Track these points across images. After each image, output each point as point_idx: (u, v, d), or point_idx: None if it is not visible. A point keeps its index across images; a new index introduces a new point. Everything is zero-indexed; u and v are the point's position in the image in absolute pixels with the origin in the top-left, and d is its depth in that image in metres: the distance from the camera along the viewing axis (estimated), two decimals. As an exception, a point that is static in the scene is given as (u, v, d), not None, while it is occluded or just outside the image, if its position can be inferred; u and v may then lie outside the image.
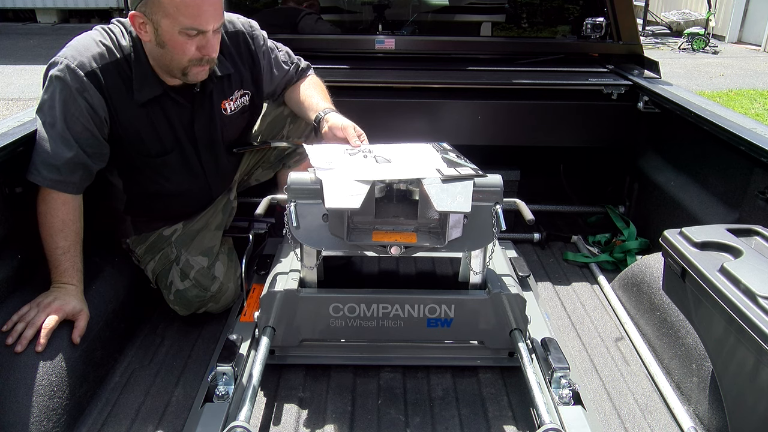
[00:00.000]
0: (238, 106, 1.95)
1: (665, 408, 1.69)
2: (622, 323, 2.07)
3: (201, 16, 1.59)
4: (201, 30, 1.62)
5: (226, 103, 1.91)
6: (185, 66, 1.68)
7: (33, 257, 1.75)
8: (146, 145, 1.82)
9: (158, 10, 1.58)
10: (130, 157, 1.83)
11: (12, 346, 1.51)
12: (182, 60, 1.67)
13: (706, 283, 1.41)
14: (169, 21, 1.59)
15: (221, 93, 1.89)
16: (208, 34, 1.64)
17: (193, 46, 1.64)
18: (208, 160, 1.95)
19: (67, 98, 1.65)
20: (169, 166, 1.88)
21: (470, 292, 1.77)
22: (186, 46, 1.63)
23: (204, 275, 1.99)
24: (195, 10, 1.58)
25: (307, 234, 1.60)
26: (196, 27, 1.60)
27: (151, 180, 1.91)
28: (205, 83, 1.81)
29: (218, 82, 1.86)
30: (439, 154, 1.73)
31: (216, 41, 1.69)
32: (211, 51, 1.68)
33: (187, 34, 1.61)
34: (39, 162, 1.66)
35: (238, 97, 1.94)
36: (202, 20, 1.60)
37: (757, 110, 6.70)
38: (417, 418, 1.63)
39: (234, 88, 1.92)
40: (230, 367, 1.59)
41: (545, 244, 2.64)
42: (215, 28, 1.65)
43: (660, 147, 2.57)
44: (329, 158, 1.67)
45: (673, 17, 12.51)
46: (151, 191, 1.93)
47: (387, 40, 2.83)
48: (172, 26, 1.60)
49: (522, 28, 3.46)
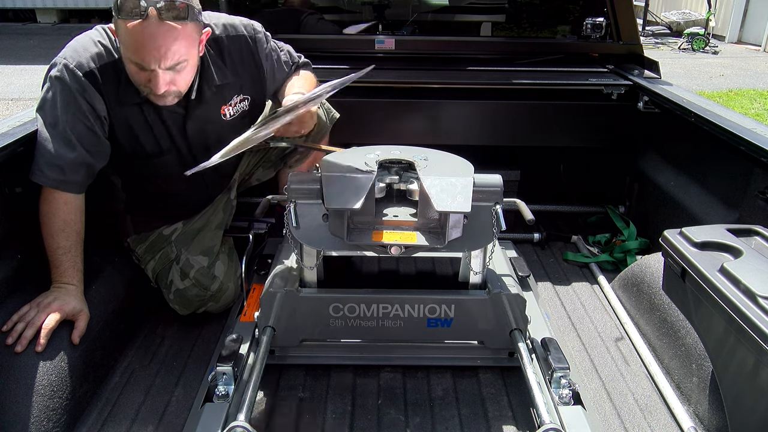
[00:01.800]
0: (237, 111, 1.95)
1: (665, 408, 1.69)
2: (622, 323, 2.07)
3: (142, 54, 1.57)
4: (144, 68, 1.60)
5: (225, 109, 1.91)
6: (142, 89, 1.69)
7: (33, 257, 1.75)
8: (142, 146, 1.82)
9: (117, 34, 1.61)
10: (127, 157, 1.84)
11: (12, 346, 1.51)
12: (138, 86, 1.68)
13: (706, 283, 1.41)
14: (123, 48, 1.62)
15: (220, 99, 1.89)
16: (157, 71, 1.60)
17: (144, 78, 1.63)
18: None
19: (67, 99, 1.65)
20: (165, 166, 1.88)
21: (470, 292, 1.77)
22: (137, 77, 1.64)
23: (204, 275, 1.99)
24: (137, 48, 1.57)
25: (307, 234, 1.60)
26: (139, 62, 1.60)
27: (149, 180, 1.91)
28: (202, 90, 1.81)
29: (216, 90, 1.86)
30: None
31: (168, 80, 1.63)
32: (156, 88, 1.63)
33: (134, 64, 1.61)
34: (42, 162, 1.66)
35: (237, 102, 1.94)
36: (143, 58, 1.58)
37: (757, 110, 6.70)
38: (417, 418, 1.63)
39: (233, 94, 1.92)
40: (230, 367, 1.59)
41: (545, 244, 2.64)
42: (163, 67, 1.60)
43: (660, 147, 2.57)
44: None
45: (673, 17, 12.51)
46: (149, 191, 1.94)
47: (387, 40, 2.83)
48: (124, 53, 1.62)
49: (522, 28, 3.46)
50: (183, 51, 1.60)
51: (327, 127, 2.26)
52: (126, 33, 1.55)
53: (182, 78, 1.67)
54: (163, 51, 1.57)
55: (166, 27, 1.54)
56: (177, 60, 1.61)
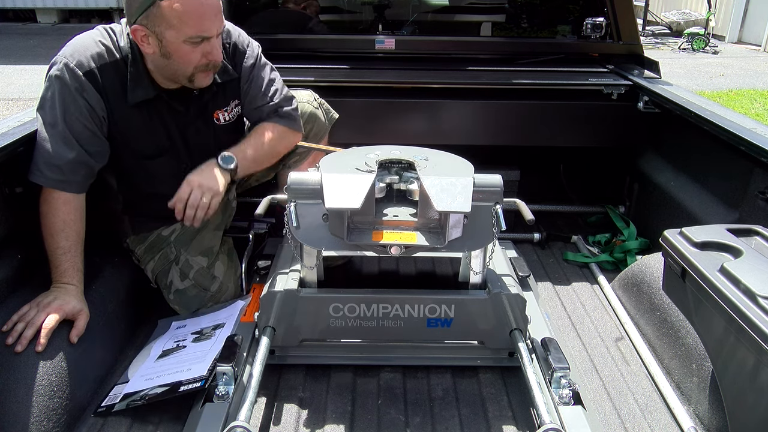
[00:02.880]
0: (233, 116, 1.95)
1: (665, 408, 1.69)
2: (622, 323, 2.07)
3: (205, 23, 1.60)
4: (206, 37, 1.64)
5: (219, 114, 1.91)
6: (191, 74, 1.71)
7: (33, 257, 1.75)
8: (140, 147, 1.82)
9: (161, 22, 1.59)
10: (125, 158, 1.84)
11: (12, 346, 1.51)
12: (188, 69, 1.69)
13: (706, 283, 1.41)
14: (174, 32, 1.60)
15: (217, 102, 1.89)
16: (213, 39, 1.65)
17: (199, 53, 1.66)
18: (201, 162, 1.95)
19: (66, 98, 1.65)
20: (162, 168, 1.88)
21: (470, 292, 1.77)
22: (191, 55, 1.65)
23: (203, 275, 1.99)
24: (199, 19, 1.59)
25: (307, 234, 1.60)
26: (201, 34, 1.62)
27: (146, 181, 1.91)
28: (204, 89, 1.82)
29: (217, 90, 1.86)
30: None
31: (219, 45, 1.70)
32: (216, 56, 1.69)
33: (192, 42, 1.63)
34: (41, 162, 1.66)
35: (234, 107, 1.94)
36: (206, 27, 1.61)
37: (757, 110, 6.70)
38: (417, 418, 1.63)
39: (231, 98, 1.92)
40: (230, 367, 1.59)
41: (545, 244, 2.64)
42: (218, 31, 1.66)
43: (660, 147, 2.57)
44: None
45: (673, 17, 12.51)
46: (146, 192, 1.93)
47: (387, 40, 2.83)
48: (177, 37, 1.61)
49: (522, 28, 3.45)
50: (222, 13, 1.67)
51: (326, 127, 2.26)
52: (181, 10, 1.56)
53: (221, 47, 1.72)
54: (218, 12, 1.63)
55: None
56: (224, 21, 1.68)
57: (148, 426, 1.60)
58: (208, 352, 1.73)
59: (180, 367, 1.70)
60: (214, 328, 1.85)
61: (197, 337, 1.83)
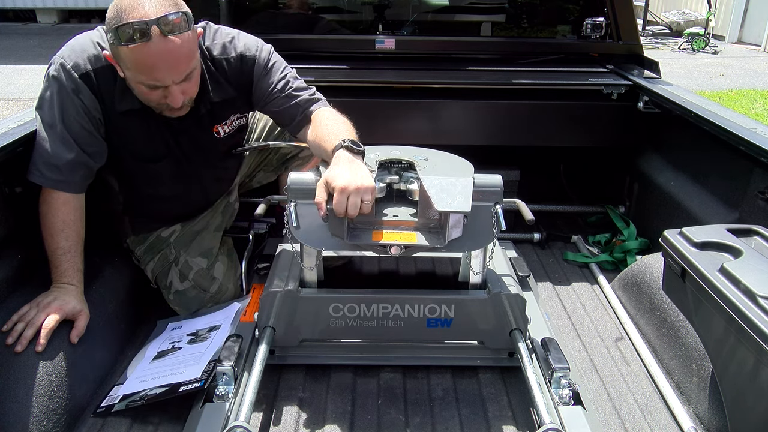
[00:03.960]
0: (233, 128, 1.92)
1: (665, 408, 1.69)
2: (622, 323, 2.07)
3: (156, 74, 1.55)
4: (159, 86, 1.59)
5: (219, 127, 1.87)
6: (156, 107, 1.68)
7: (33, 257, 1.75)
8: (138, 151, 1.81)
9: (119, 60, 1.57)
10: (124, 160, 1.83)
11: (12, 346, 1.51)
12: (151, 104, 1.67)
13: (706, 283, 1.41)
14: (130, 73, 1.57)
15: (214, 117, 1.84)
16: (170, 87, 1.59)
17: (157, 95, 1.61)
18: (203, 168, 1.94)
19: (64, 99, 1.65)
20: (162, 171, 1.87)
21: (470, 292, 1.77)
22: (150, 95, 1.62)
23: (203, 276, 1.99)
24: (149, 70, 1.54)
25: (307, 234, 1.60)
26: (154, 83, 1.58)
27: (146, 183, 1.90)
28: (198, 106, 1.76)
29: (212, 107, 1.81)
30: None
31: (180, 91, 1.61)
32: (174, 102, 1.62)
33: (147, 86, 1.59)
34: (40, 162, 1.66)
35: (234, 120, 1.91)
36: (158, 77, 1.55)
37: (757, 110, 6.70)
38: (417, 418, 1.63)
39: (229, 113, 1.88)
40: (230, 367, 1.59)
41: (545, 244, 2.64)
42: (176, 81, 1.58)
43: (660, 147, 2.57)
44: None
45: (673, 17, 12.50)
46: (146, 193, 1.93)
47: (387, 40, 2.82)
48: (133, 78, 1.58)
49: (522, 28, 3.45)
50: (191, 61, 1.59)
51: None
52: (132, 58, 1.51)
53: (192, 85, 1.65)
54: (174, 67, 1.55)
55: (171, 43, 1.50)
56: (188, 71, 1.59)
57: (148, 426, 1.60)
58: (203, 354, 1.73)
59: (175, 369, 1.70)
60: (210, 330, 1.85)
61: (192, 338, 1.83)
